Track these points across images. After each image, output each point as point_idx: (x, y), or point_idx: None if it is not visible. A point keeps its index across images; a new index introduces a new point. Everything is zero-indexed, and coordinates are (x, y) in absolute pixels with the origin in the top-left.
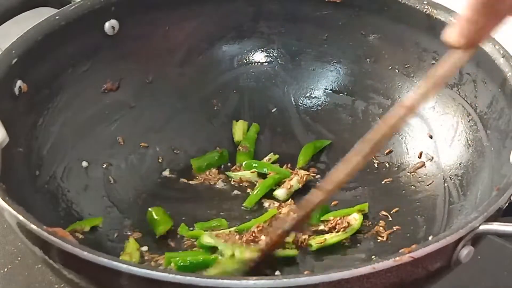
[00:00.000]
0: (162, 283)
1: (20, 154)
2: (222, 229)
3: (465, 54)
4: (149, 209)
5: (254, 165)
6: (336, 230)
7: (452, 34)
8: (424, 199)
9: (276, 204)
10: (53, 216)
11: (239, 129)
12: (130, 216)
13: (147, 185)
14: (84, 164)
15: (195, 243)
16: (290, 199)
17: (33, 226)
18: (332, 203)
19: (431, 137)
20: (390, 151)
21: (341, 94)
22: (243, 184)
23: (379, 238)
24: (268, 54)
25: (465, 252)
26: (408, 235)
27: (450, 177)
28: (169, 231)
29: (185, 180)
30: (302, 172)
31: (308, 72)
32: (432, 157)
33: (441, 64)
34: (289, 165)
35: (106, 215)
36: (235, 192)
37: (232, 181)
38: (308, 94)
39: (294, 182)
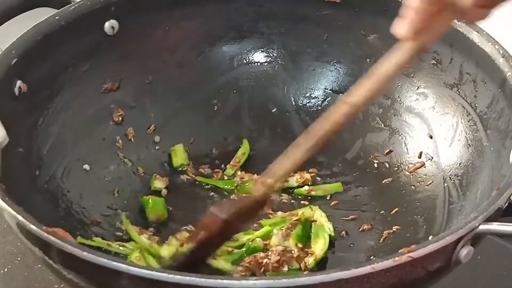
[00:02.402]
0: (162, 283)
1: (20, 154)
2: None
3: (412, 50)
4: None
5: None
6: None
7: (401, 26)
8: (424, 199)
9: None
10: (53, 216)
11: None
12: (130, 216)
13: (147, 186)
14: (84, 164)
15: None
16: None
17: (33, 226)
18: (332, 203)
19: (431, 137)
20: (390, 151)
21: (341, 94)
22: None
23: (379, 238)
24: (268, 54)
25: (465, 252)
26: (408, 235)
27: (450, 177)
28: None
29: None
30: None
31: (308, 72)
32: (432, 157)
33: (386, 60)
34: None
35: (106, 215)
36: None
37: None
38: (308, 94)
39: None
